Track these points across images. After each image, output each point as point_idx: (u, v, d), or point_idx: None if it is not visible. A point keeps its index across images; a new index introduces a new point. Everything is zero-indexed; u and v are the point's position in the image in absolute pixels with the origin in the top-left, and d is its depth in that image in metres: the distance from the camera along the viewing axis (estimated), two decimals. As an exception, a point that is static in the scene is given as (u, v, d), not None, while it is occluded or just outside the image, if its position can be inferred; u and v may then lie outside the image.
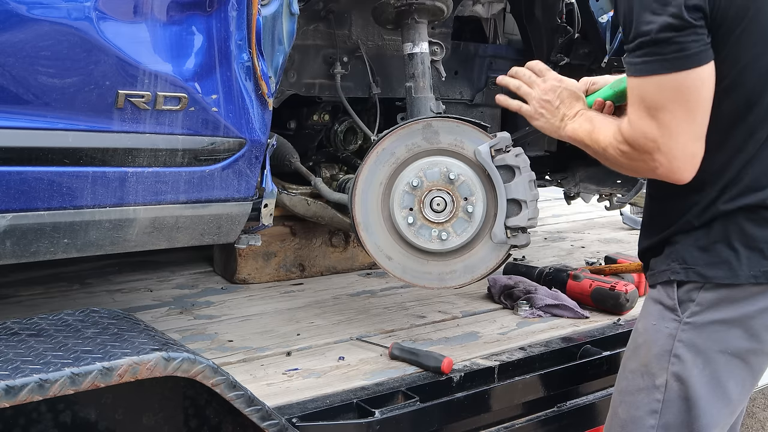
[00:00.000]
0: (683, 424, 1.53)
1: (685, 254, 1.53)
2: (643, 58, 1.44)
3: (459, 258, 2.13)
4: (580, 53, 3.02)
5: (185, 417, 1.67)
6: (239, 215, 1.99)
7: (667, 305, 1.56)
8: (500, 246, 2.11)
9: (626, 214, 4.11)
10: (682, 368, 1.52)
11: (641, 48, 1.43)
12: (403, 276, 2.14)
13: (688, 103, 1.43)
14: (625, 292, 2.50)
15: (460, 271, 2.14)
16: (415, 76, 2.33)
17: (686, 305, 1.52)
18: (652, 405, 1.55)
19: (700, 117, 1.45)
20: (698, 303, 1.51)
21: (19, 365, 1.26)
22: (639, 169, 1.56)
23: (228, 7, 1.79)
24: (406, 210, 2.08)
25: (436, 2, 2.33)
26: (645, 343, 1.58)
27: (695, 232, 1.53)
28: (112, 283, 2.68)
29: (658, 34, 1.40)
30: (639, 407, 1.58)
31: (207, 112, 1.82)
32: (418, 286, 2.19)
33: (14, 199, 1.63)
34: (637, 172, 1.61)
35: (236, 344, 2.15)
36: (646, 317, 1.62)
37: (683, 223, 1.55)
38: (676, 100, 1.43)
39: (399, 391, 1.88)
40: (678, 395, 1.53)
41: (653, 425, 1.55)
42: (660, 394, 1.54)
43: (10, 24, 1.55)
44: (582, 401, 2.22)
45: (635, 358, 1.61)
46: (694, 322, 1.52)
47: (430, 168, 2.08)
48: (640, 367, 1.58)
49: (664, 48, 1.41)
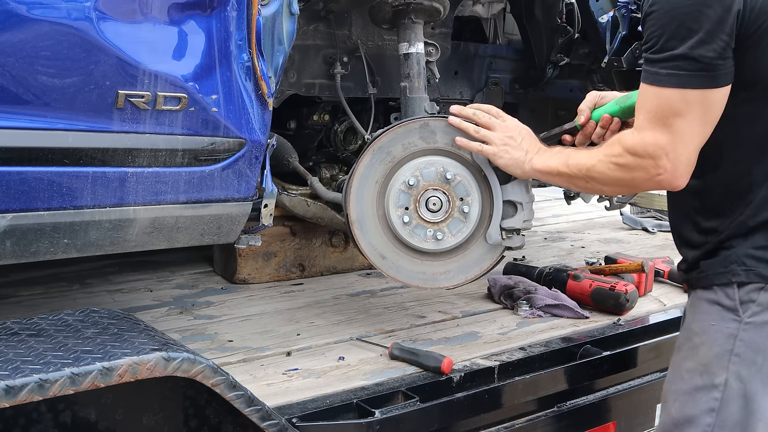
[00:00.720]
0: (740, 422, 1.57)
1: (745, 256, 1.58)
2: (670, 71, 1.50)
3: (453, 258, 2.12)
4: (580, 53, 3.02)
5: (185, 417, 1.67)
6: (239, 215, 1.99)
7: (726, 306, 1.59)
8: (495, 247, 2.10)
9: (626, 214, 4.11)
10: (742, 367, 1.56)
11: (671, 60, 1.49)
12: (397, 275, 2.14)
13: (705, 117, 1.51)
14: (625, 292, 2.50)
15: (454, 272, 2.13)
16: (411, 77, 2.32)
17: (747, 306, 1.56)
18: (710, 403, 1.58)
19: (708, 129, 1.53)
20: (759, 303, 1.56)
21: (19, 365, 1.26)
22: (634, 180, 1.62)
23: (228, 7, 1.79)
24: (401, 209, 2.08)
25: (433, 2, 2.32)
26: (704, 344, 1.61)
27: (753, 235, 1.58)
28: (112, 283, 2.68)
29: (692, 51, 1.46)
30: (696, 406, 1.60)
31: (207, 112, 1.82)
32: (412, 285, 2.18)
33: (14, 199, 1.63)
34: (629, 185, 1.68)
35: (236, 344, 2.15)
36: (701, 318, 1.64)
37: (737, 225, 1.60)
38: (695, 112, 1.50)
39: (399, 391, 1.88)
40: (737, 393, 1.56)
41: (710, 423, 1.58)
42: (719, 392, 1.57)
43: (10, 24, 1.55)
44: (582, 401, 2.22)
45: (692, 358, 1.63)
46: (754, 321, 1.56)
47: (426, 167, 2.07)
48: (699, 367, 1.61)
49: (694, 65, 1.47)
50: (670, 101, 1.51)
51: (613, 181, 1.69)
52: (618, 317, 2.50)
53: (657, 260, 2.98)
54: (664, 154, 1.53)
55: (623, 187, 1.79)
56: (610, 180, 1.69)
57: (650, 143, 1.55)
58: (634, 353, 2.32)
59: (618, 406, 2.30)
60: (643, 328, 2.46)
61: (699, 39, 1.45)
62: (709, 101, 1.50)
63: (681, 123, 1.51)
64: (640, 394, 2.37)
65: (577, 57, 3.04)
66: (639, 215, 4.23)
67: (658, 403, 2.40)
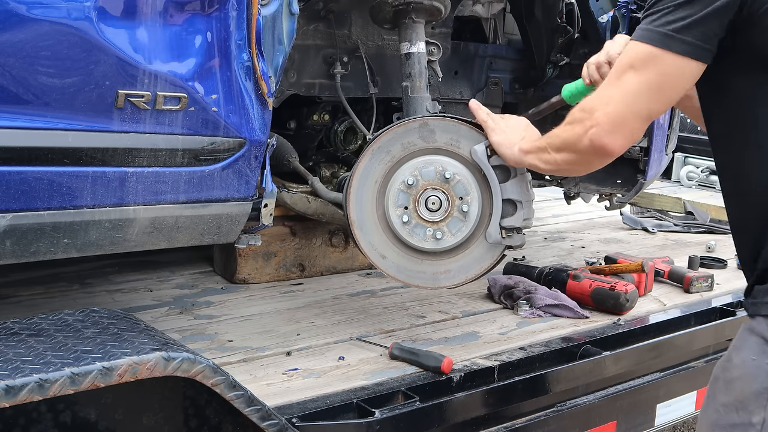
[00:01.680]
0: None
1: None
2: (646, 26, 1.45)
3: (453, 258, 2.12)
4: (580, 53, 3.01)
5: (185, 417, 1.67)
6: (239, 215, 1.99)
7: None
8: (495, 246, 2.10)
9: (626, 214, 4.11)
10: None
11: (653, 19, 1.44)
12: (397, 275, 2.14)
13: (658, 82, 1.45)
14: (625, 292, 2.50)
15: (454, 271, 2.13)
16: (412, 76, 2.32)
17: None
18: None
19: (657, 104, 1.48)
20: None
21: (19, 365, 1.26)
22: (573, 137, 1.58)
23: (228, 7, 1.79)
24: (401, 208, 2.07)
25: (434, 2, 2.32)
26: (741, 378, 1.48)
27: None
28: (112, 283, 2.68)
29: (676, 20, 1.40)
30: None
31: (207, 112, 1.82)
32: (412, 285, 2.18)
33: (14, 199, 1.63)
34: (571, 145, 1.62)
35: (236, 344, 2.15)
36: (742, 350, 1.50)
37: None
38: (649, 69, 1.44)
39: (399, 391, 1.88)
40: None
41: None
42: (755, 431, 1.45)
43: (10, 24, 1.55)
44: (582, 401, 2.22)
45: (728, 392, 1.50)
46: None
47: (425, 167, 2.07)
48: (735, 402, 1.48)
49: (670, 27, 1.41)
50: (631, 53, 1.48)
51: (561, 141, 1.65)
52: (618, 317, 2.50)
53: (657, 260, 2.98)
54: (603, 105, 1.50)
55: (568, 152, 1.67)
56: (559, 142, 1.65)
57: (597, 96, 1.52)
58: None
59: (618, 406, 2.30)
60: (643, 328, 2.46)
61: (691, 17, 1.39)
62: (669, 66, 1.43)
63: (631, 77, 1.46)
64: (640, 394, 2.37)
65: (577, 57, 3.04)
66: (639, 215, 4.23)
67: (658, 403, 2.41)
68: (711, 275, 2.93)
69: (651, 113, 1.51)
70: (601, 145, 1.53)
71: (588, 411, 2.22)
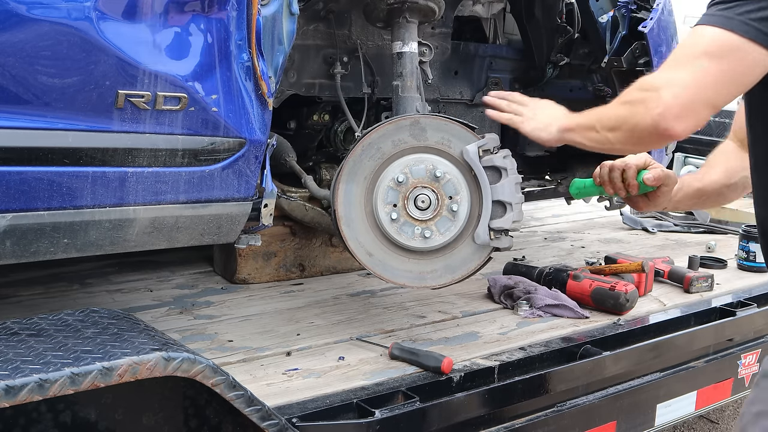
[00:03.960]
0: None
1: None
2: (723, 12, 1.38)
3: (440, 257, 2.11)
4: (580, 53, 3.02)
5: (185, 417, 1.67)
6: (239, 215, 1.99)
7: None
8: (482, 248, 2.09)
9: (626, 214, 4.11)
10: None
11: (728, 6, 1.38)
12: (383, 273, 2.12)
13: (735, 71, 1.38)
14: (625, 292, 2.50)
15: (440, 271, 2.12)
16: (403, 75, 2.32)
17: None
18: None
19: (729, 93, 1.40)
20: None
21: (19, 365, 1.26)
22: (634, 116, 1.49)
23: (228, 7, 1.79)
24: (389, 206, 2.06)
25: (428, 2, 2.32)
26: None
27: None
28: (112, 283, 2.68)
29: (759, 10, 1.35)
30: None
31: (207, 112, 1.82)
32: (398, 284, 2.16)
33: (14, 199, 1.63)
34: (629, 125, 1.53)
35: (236, 344, 2.15)
36: None
37: None
38: (728, 58, 1.37)
39: (399, 391, 1.88)
40: None
41: None
42: None
43: (10, 24, 1.55)
44: (582, 401, 2.22)
45: (764, 401, 1.47)
46: None
47: (416, 165, 2.06)
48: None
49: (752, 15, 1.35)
50: (707, 38, 1.38)
51: (616, 119, 1.55)
52: (618, 317, 2.50)
53: (657, 260, 2.98)
54: (670, 86, 1.39)
55: (624, 131, 1.57)
56: (614, 119, 1.56)
57: (661, 76, 1.42)
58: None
59: (618, 406, 2.30)
60: (643, 328, 2.46)
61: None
62: (748, 55, 1.35)
63: (705, 62, 1.37)
64: (640, 394, 2.36)
65: (577, 57, 3.04)
66: (639, 215, 4.23)
67: (658, 403, 2.41)
68: (711, 275, 2.93)
69: (718, 103, 1.42)
70: (666, 127, 1.43)
71: (588, 411, 2.22)
